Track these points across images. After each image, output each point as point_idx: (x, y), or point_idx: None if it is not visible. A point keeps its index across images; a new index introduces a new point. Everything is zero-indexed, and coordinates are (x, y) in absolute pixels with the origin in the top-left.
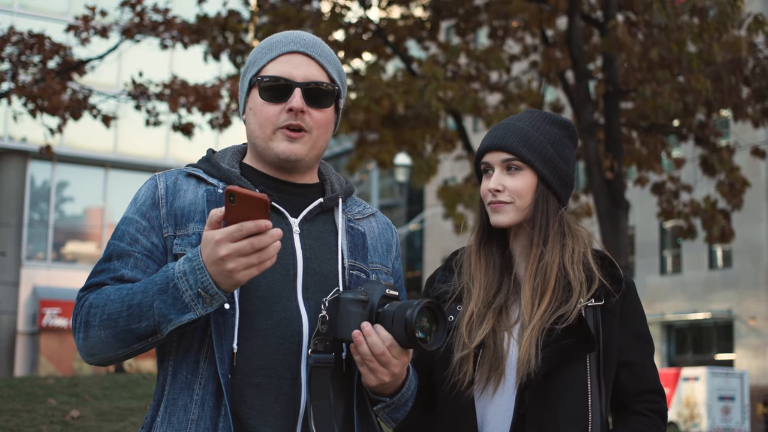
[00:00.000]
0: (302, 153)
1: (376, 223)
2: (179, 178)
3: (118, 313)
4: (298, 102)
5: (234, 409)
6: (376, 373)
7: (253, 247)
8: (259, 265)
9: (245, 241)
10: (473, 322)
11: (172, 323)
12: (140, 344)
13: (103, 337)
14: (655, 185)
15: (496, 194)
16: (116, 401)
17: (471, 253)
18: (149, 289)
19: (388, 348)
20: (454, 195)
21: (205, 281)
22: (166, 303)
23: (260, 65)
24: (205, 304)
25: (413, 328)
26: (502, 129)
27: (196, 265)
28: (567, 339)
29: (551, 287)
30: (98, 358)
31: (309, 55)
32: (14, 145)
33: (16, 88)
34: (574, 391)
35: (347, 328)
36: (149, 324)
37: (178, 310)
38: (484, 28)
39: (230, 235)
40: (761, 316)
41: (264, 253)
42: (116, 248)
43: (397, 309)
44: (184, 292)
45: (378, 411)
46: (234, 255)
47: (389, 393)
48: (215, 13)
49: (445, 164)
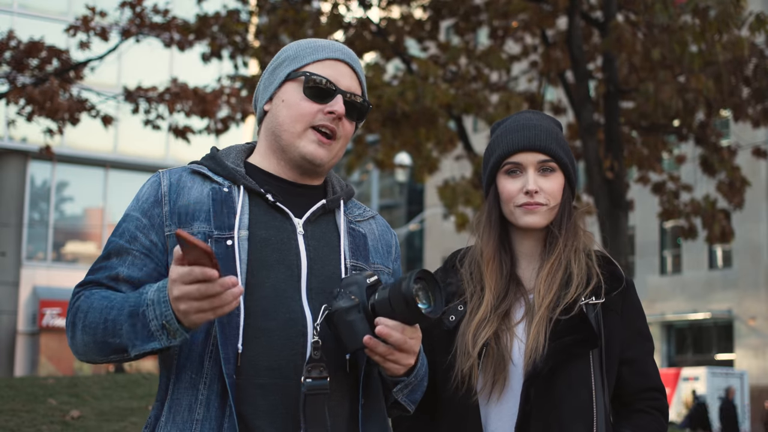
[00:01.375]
0: (326, 159)
1: (376, 226)
2: (183, 175)
3: (96, 324)
4: (342, 108)
5: (239, 410)
6: (400, 362)
7: (201, 294)
8: (213, 311)
9: (194, 287)
10: (480, 329)
11: (136, 348)
12: (116, 356)
13: (86, 341)
14: (656, 185)
15: (534, 195)
16: (116, 401)
17: (486, 260)
18: (124, 308)
19: (402, 333)
20: (455, 193)
21: (167, 315)
22: (134, 328)
23: (303, 62)
24: (169, 337)
25: (414, 301)
26: (532, 129)
27: (163, 297)
28: (570, 336)
29: (557, 285)
30: (85, 358)
31: (352, 67)
32: (14, 145)
33: (15, 90)
34: (579, 388)
35: (355, 338)
36: (121, 342)
37: (144, 338)
38: (484, 28)
39: (181, 276)
40: (761, 316)
41: (216, 300)
42: (115, 246)
43: (390, 292)
44: (150, 321)
45: (396, 393)
46: (185, 298)
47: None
48: (215, 12)
49: (445, 164)
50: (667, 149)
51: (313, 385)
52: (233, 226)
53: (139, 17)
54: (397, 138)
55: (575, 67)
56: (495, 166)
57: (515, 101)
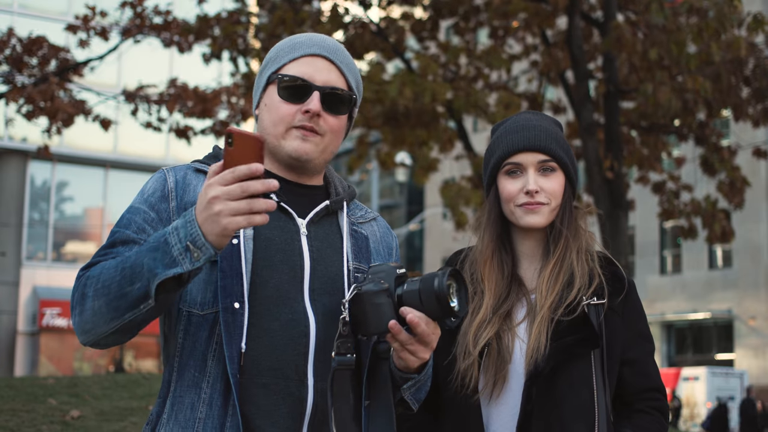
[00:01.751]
0: (313, 153)
1: (377, 228)
2: (188, 173)
3: (111, 278)
4: (316, 105)
5: (241, 409)
6: (417, 354)
7: (242, 191)
8: (248, 216)
9: (235, 185)
10: (481, 330)
11: (157, 277)
12: (132, 313)
13: (97, 307)
14: (656, 185)
15: (535, 195)
16: (116, 401)
17: (483, 261)
18: (143, 249)
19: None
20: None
21: (193, 232)
22: (155, 259)
23: (281, 63)
24: (192, 258)
25: (446, 298)
26: (532, 130)
27: (189, 218)
28: (572, 335)
29: (559, 285)
30: (92, 335)
31: (331, 60)
32: (14, 145)
33: (14, 90)
34: (580, 388)
35: (380, 321)
36: (141, 285)
37: (166, 265)
38: (484, 28)
39: (222, 178)
40: (761, 316)
41: (254, 202)
42: (121, 235)
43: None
44: (173, 246)
45: (404, 391)
46: (222, 197)
47: (416, 369)
48: (216, 13)
49: (444, 164)
50: (667, 149)
51: (343, 360)
52: None
53: (139, 17)
54: (398, 137)
55: (575, 67)
56: (495, 166)
57: (515, 102)
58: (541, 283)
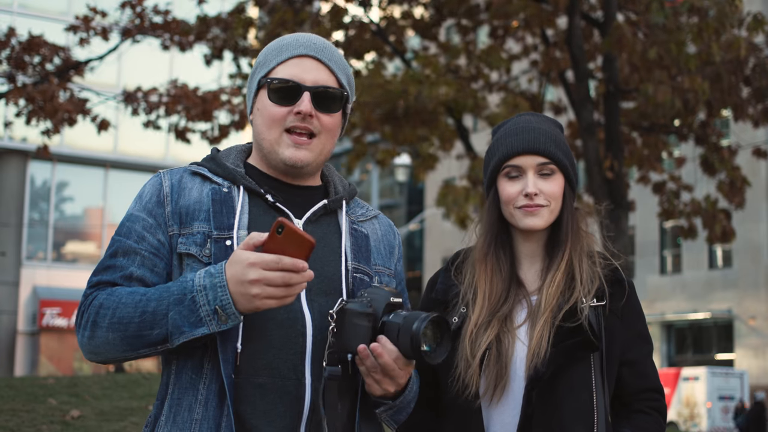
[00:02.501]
0: (308, 159)
1: (378, 226)
2: (184, 176)
3: (129, 318)
4: (307, 106)
5: (237, 409)
6: (381, 384)
7: (283, 282)
8: (281, 299)
9: (278, 274)
10: (476, 333)
11: (184, 336)
12: (147, 350)
13: (111, 339)
14: (656, 185)
15: (534, 198)
16: (116, 401)
17: (476, 261)
18: (164, 297)
19: (394, 360)
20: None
21: (224, 299)
22: (181, 314)
23: (270, 66)
24: (219, 322)
25: (419, 342)
26: (531, 132)
27: (218, 282)
28: (572, 339)
29: (562, 285)
30: (101, 357)
31: (319, 59)
32: (14, 145)
33: (14, 90)
34: (580, 391)
35: (353, 341)
36: (161, 332)
37: (192, 324)
38: (484, 28)
39: (266, 263)
40: (761, 316)
41: (290, 290)
42: (122, 245)
43: (404, 321)
44: (201, 306)
45: (380, 414)
46: (262, 282)
47: (391, 396)
48: (216, 13)
49: (445, 164)
50: (668, 149)
51: (332, 371)
52: (233, 226)
53: (139, 17)
54: (398, 135)
55: (575, 67)
56: (495, 169)
57: (523, 105)
58: (543, 286)
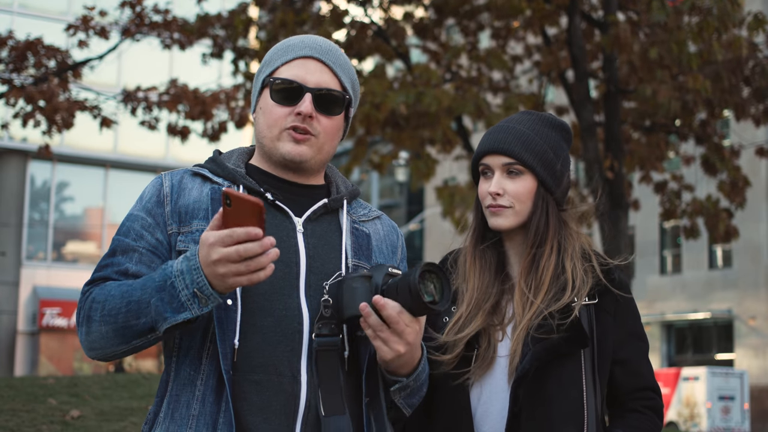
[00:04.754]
0: (308, 155)
1: (381, 226)
2: (185, 177)
3: (117, 309)
4: (308, 107)
5: (234, 406)
6: (389, 344)
7: (239, 255)
8: (249, 275)
9: (233, 248)
10: (460, 325)
11: (167, 321)
12: (139, 341)
13: (104, 332)
14: (657, 185)
15: (496, 198)
16: (116, 401)
17: (465, 255)
18: (148, 285)
19: (398, 314)
20: (450, 196)
21: (200, 281)
22: (163, 301)
23: (274, 66)
24: (200, 304)
25: (418, 292)
26: (502, 132)
27: (193, 265)
28: (558, 335)
29: (545, 287)
30: (100, 353)
31: (323, 61)
32: (14, 145)
33: (14, 90)
34: (569, 389)
35: (354, 303)
36: (147, 321)
37: (174, 309)
38: (486, 30)
39: (221, 239)
40: (761, 316)
41: (252, 263)
42: (121, 243)
43: (400, 279)
44: (181, 291)
45: (394, 393)
46: (224, 260)
47: (405, 372)
48: (217, 12)
49: (444, 164)
50: (674, 149)
51: (324, 341)
52: None
53: (139, 17)
54: (399, 139)
55: (575, 67)
56: (474, 167)
57: (516, 104)
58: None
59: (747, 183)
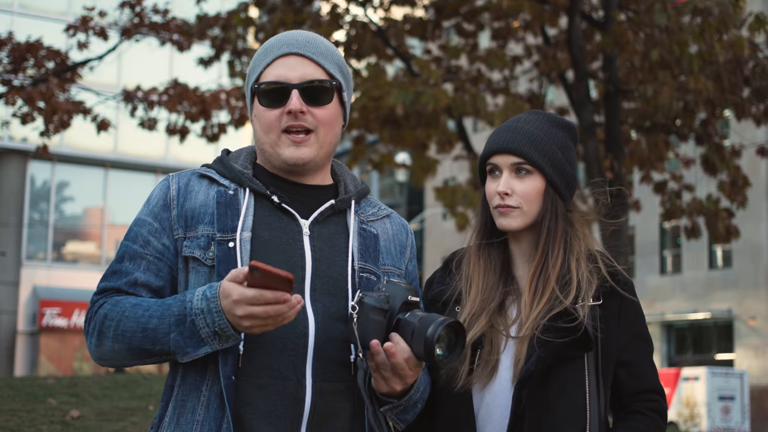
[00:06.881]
0: (309, 156)
1: (390, 225)
2: (192, 179)
3: (132, 332)
4: (296, 104)
5: (238, 411)
6: (388, 382)
7: (268, 315)
8: (276, 325)
9: (261, 308)
10: (466, 324)
11: (188, 355)
12: (154, 359)
13: (117, 348)
14: (657, 185)
15: (505, 198)
16: (116, 401)
17: (470, 255)
18: (165, 316)
19: (406, 360)
20: (451, 194)
21: (222, 324)
22: (183, 335)
23: (258, 72)
24: (221, 341)
25: (433, 346)
26: (511, 131)
27: (214, 308)
28: (563, 338)
29: (550, 288)
30: (110, 363)
31: (302, 54)
32: (14, 145)
33: (13, 90)
34: (573, 391)
35: (367, 335)
36: (164, 348)
37: (195, 344)
38: (486, 31)
39: (248, 299)
40: (761, 316)
41: (280, 318)
42: (129, 250)
43: (419, 322)
44: (201, 328)
45: (386, 412)
46: (251, 317)
47: (397, 395)
48: (216, 13)
49: (444, 164)
50: (674, 150)
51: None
52: (236, 228)
53: (138, 17)
54: (397, 140)
55: (575, 67)
56: (481, 166)
57: (517, 104)
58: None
59: (747, 183)
